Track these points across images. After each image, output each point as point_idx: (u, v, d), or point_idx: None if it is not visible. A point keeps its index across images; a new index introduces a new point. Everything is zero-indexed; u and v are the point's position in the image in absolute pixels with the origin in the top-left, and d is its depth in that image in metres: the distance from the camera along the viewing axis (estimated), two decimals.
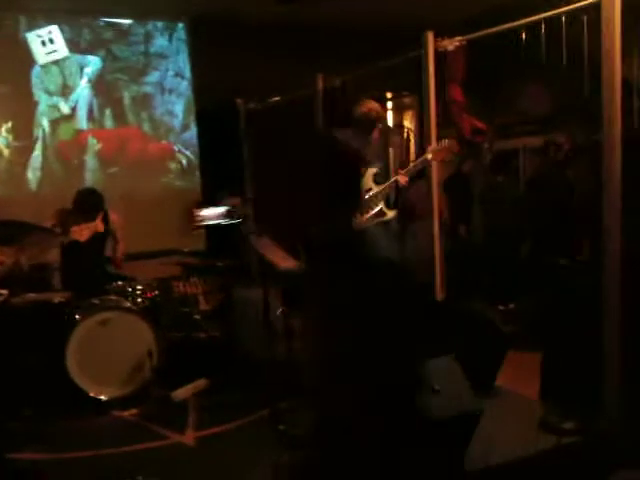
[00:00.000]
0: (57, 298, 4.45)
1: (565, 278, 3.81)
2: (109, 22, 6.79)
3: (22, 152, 6.54)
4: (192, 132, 7.22)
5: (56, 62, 6.57)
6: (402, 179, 4.19)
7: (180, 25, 7.09)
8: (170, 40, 7.08)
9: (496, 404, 3.43)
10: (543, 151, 5.53)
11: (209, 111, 7.06)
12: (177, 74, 7.14)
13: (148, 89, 7.01)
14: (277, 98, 6.49)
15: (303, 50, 6.82)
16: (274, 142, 6.51)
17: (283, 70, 6.49)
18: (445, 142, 4.25)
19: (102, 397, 4.20)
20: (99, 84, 6.78)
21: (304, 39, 6.93)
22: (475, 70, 4.75)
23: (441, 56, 4.49)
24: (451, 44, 4.44)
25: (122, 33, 6.86)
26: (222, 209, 5.89)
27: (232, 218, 5.86)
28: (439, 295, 4.45)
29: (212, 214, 6.01)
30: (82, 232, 4.10)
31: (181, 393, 4.24)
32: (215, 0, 6.33)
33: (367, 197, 4.14)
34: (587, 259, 4.51)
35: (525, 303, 5.30)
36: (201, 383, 4.39)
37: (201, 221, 6.07)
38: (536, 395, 3.54)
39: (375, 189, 4.27)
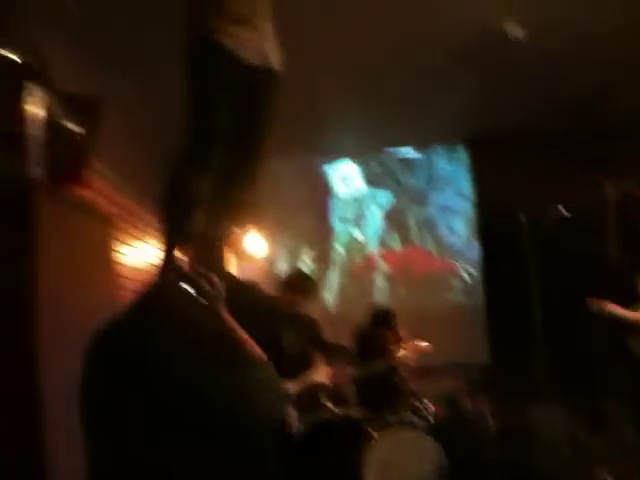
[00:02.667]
0: (355, 414, 4.68)
1: None
2: (396, 153, 7.36)
3: (320, 274, 7.20)
4: (475, 250, 7.32)
5: (352, 194, 7.28)
6: None
7: (461, 147, 7.40)
8: (452, 164, 7.42)
9: None
10: None
11: (492, 229, 7.11)
12: (459, 195, 7.39)
13: (432, 211, 7.36)
14: (564, 212, 6.32)
15: (592, 158, 6.55)
16: (562, 262, 6.30)
17: (569, 182, 6.33)
18: None
19: None
20: (388, 211, 7.32)
21: (593, 146, 6.66)
22: None
23: None
24: None
25: (408, 163, 7.38)
26: None
27: None
28: None
29: None
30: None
31: None
32: (495, 119, 6.49)
33: None
34: None
35: None
36: None
37: None
38: None
39: None
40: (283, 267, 7.11)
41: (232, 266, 6.96)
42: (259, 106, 2.48)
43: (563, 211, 6.39)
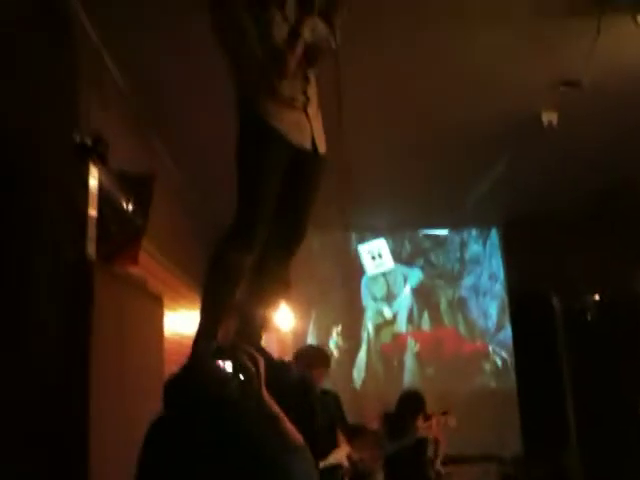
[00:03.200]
0: None
1: None
2: (428, 233, 7.41)
3: (349, 353, 7.15)
4: (506, 333, 7.24)
5: (384, 272, 7.31)
6: None
7: (493, 230, 7.42)
8: (484, 245, 7.43)
9: None
10: None
11: (523, 311, 7.06)
12: (491, 276, 7.37)
13: (463, 292, 7.34)
14: (596, 296, 6.27)
15: (627, 243, 6.48)
16: (595, 348, 6.18)
17: (604, 266, 6.27)
18: None
19: None
20: (418, 290, 7.31)
21: (627, 231, 6.60)
22: None
23: None
24: None
25: (439, 242, 7.43)
26: None
27: None
28: None
29: None
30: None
31: None
32: (529, 203, 6.51)
33: None
34: None
35: None
36: None
37: None
38: None
39: None
40: (311, 342, 7.09)
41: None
42: (305, 188, 2.54)
43: (596, 296, 6.35)
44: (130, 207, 2.58)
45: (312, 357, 4.47)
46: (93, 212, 2.17)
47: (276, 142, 2.34)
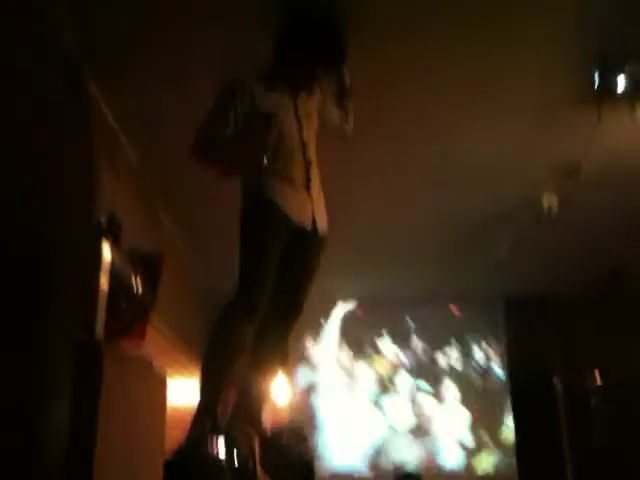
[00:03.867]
0: None
1: None
2: (428, 309, 7.37)
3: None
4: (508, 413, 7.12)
5: None
6: None
7: (494, 307, 7.37)
8: (484, 322, 7.39)
9: None
10: None
11: (524, 391, 6.97)
12: (492, 354, 7.31)
13: (466, 370, 7.27)
14: (598, 378, 6.22)
15: (631, 325, 6.46)
16: (599, 431, 6.08)
17: (607, 347, 6.24)
18: None
19: None
20: (419, 367, 7.24)
21: (631, 313, 6.59)
22: None
23: None
24: None
25: (439, 318, 7.37)
26: None
27: None
28: None
29: None
30: None
31: None
32: (530, 283, 6.53)
33: None
34: None
35: None
36: None
37: None
38: None
39: None
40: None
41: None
42: (303, 266, 2.59)
43: (598, 377, 6.30)
44: (139, 285, 2.61)
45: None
46: (104, 291, 2.20)
47: (277, 218, 2.41)
